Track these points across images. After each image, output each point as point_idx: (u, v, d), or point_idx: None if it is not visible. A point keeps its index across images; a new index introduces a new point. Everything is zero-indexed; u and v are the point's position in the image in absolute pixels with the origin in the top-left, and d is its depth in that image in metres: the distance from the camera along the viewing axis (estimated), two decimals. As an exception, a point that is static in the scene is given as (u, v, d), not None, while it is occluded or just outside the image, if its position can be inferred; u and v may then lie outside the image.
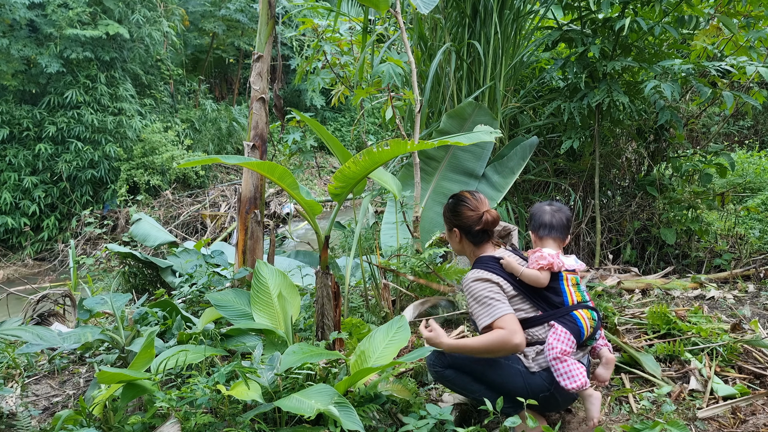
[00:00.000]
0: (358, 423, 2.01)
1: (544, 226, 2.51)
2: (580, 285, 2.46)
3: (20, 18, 11.41)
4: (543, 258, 2.38)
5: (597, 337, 2.46)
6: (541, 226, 2.52)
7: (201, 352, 2.59)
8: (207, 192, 13.73)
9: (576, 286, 2.43)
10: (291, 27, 12.27)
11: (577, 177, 6.22)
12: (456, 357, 2.38)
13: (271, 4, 3.69)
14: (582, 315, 2.36)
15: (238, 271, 3.63)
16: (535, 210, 2.58)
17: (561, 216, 2.52)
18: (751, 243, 5.89)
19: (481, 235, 2.51)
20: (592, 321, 2.39)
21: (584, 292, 2.45)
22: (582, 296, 2.43)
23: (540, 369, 2.32)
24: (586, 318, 2.36)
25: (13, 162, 11.75)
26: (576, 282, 2.45)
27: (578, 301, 2.40)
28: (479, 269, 2.42)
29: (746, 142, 10.95)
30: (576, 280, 2.45)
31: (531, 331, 2.36)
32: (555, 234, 2.51)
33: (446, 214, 2.60)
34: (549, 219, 2.51)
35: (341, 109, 20.46)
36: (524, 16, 5.91)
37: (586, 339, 2.38)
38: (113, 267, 6.91)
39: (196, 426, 2.19)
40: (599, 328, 2.47)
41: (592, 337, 2.43)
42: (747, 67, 4.80)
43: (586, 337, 2.38)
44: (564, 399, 2.38)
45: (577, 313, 2.36)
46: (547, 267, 2.37)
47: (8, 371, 3.35)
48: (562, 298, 2.38)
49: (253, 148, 3.71)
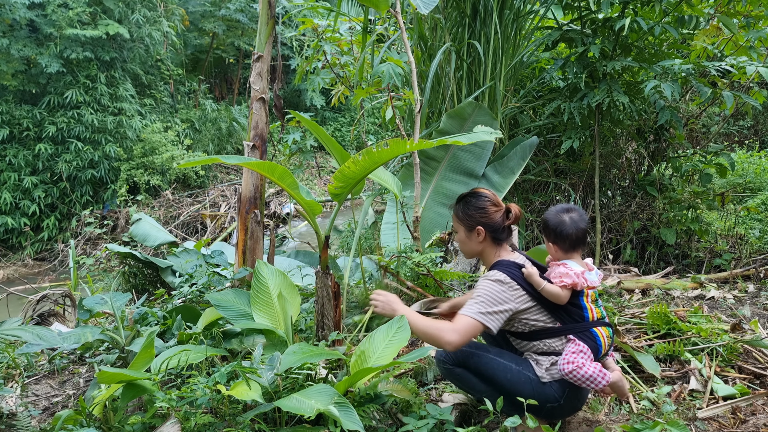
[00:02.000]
0: (358, 423, 2.01)
1: (567, 238, 2.32)
2: (599, 301, 2.38)
3: (20, 18, 11.41)
4: (568, 276, 2.24)
5: (609, 353, 2.41)
6: (564, 238, 2.32)
7: (201, 352, 2.59)
8: (207, 192, 13.73)
9: (595, 302, 2.35)
10: (291, 27, 12.27)
11: (577, 177, 6.22)
12: (468, 356, 2.33)
13: (271, 4, 3.69)
14: (601, 332, 2.29)
15: (238, 271, 3.63)
16: (553, 219, 2.35)
17: (582, 225, 2.32)
18: (751, 243, 5.89)
19: (506, 232, 2.40)
20: (609, 339, 2.32)
21: (602, 308, 2.38)
22: (601, 312, 2.35)
23: (551, 380, 2.26)
24: (605, 336, 2.30)
25: (13, 162, 11.75)
26: (596, 297, 2.36)
27: (598, 318, 2.32)
28: (502, 272, 2.29)
29: (746, 142, 10.95)
30: (596, 295, 2.36)
31: (548, 341, 2.29)
32: (579, 247, 2.35)
33: (467, 212, 2.41)
34: (572, 231, 2.30)
35: (341, 109, 20.45)
36: (524, 16, 5.92)
37: (601, 356, 2.32)
38: (113, 267, 6.91)
39: (196, 426, 2.19)
40: (613, 344, 2.40)
41: (606, 354, 2.37)
42: (747, 67, 4.81)
43: (602, 355, 2.32)
44: (570, 408, 2.35)
45: (597, 330, 2.28)
46: (570, 286, 2.24)
47: (8, 371, 3.35)
48: (583, 314, 2.30)
49: (253, 148, 3.71)
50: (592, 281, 2.29)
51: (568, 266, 2.28)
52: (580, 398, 2.34)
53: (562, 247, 2.34)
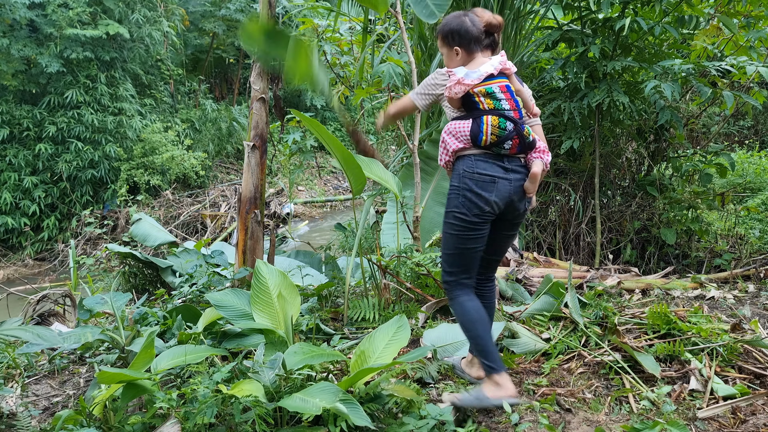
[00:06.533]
0: (366, 419, 2.01)
1: (469, 37, 2.54)
2: (510, 90, 2.49)
3: (20, 18, 11.41)
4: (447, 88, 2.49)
5: (510, 147, 2.46)
6: (467, 39, 2.54)
7: (201, 352, 2.59)
8: (207, 192, 13.73)
9: (505, 92, 2.47)
10: (291, 27, 12.26)
11: (577, 177, 6.22)
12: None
13: (271, 4, 3.69)
14: (487, 120, 2.42)
15: (238, 271, 3.64)
16: (454, 21, 2.57)
17: (479, 25, 2.54)
18: (751, 243, 5.89)
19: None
20: (496, 128, 2.41)
21: (509, 99, 2.47)
22: (495, 104, 2.44)
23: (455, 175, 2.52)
24: (489, 123, 2.41)
25: (13, 162, 11.75)
26: (506, 89, 2.48)
27: (489, 108, 2.45)
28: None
29: (746, 142, 10.95)
30: (506, 86, 2.48)
31: (457, 125, 2.51)
32: (479, 45, 2.58)
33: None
34: (473, 29, 2.53)
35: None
36: (524, 16, 5.91)
37: (490, 144, 2.42)
38: (113, 267, 6.91)
39: (196, 426, 2.19)
40: (512, 138, 2.43)
41: (502, 145, 2.43)
42: (747, 67, 4.80)
43: (491, 143, 2.42)
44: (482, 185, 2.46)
45: (484, 117, 2.42)
46: (453, 95, 2.47)
47: (8, 371, 3.35)
48: (475, 105, 2.47)
49: (254, 148, 3.71)
50: (473, 80, 2.45)
51: (452, 75, 2.48)
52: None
53: (466, 49, 2.54)
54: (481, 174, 2.44)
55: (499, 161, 2.47)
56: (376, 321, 3.61)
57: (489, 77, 2.47)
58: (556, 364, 3.06)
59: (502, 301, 4.00)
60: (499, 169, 2.46)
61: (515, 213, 2.57)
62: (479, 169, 2.45)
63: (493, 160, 2.46)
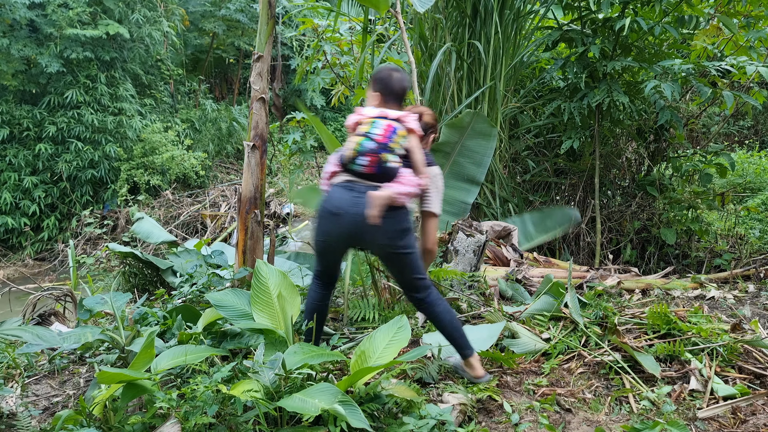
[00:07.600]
0: (364, 421, 2.01)
1: (390, 91, 2.81)
2: (376, 123, 2.67)
3: (20, 18, 11.40)
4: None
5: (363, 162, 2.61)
6: (389, 91, 2.80)
7: (201, 352, 2.59)
8: (207, 192, 13.72)
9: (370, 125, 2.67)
10: (291, 27, 12.27)
11: (577, 177, 6.22)
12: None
13: (271, 4, 3.69)
14: (350, 144, 2.65)
15: (238, 271, 3.63)
16: (383, 73, 2.83)
17: (405, 83, 2.83)
18: (751, 243, 5.90)
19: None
20: (357, 146, 2.61)
21: (378, 137, 2.62)
22: (360, 147, 2.62)
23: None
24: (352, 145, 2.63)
25: (13, 162, 11.74)
26: (370, 129, 2.66)
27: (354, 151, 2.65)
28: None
29: (746, 142, 10.95)
30: (370, 126, 2.66)
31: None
32: (394, 100, 2.82)
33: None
34: (397, 86, 2.81)
35: (341, 109, 20.43)
36: (524, 16, 5.92)
37: (347, 161, 2.63)
38: (113, 267, 6.91)
39: (196, 426, 2.19)
40: (366, 154, 2.60)
41: (356, 162, 2.61)
42: (747, 67, 4.80)
43: (348, 159, 2.63)
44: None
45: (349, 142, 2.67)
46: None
47: (8, 371, 3.35)
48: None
49: (254, 148, 3.71)
50: (365, 113, 2.73)
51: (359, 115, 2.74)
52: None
53: (385, 98, 2.79)
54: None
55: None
56: (375, 321, 3.61)
57: (382, 117, 2.71)
58: (556, 364, 3.06)
59: (502, 301, 4.00)
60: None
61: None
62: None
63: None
